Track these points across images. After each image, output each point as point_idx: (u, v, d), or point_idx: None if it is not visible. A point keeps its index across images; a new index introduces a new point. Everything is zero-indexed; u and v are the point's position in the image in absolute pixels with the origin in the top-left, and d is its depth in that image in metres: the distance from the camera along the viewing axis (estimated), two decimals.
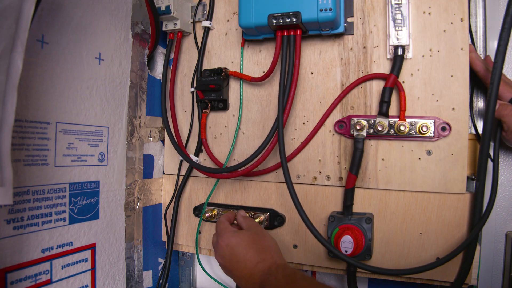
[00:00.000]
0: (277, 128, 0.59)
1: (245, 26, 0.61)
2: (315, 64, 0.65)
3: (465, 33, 0.57)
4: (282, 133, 0.58)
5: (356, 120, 0.61)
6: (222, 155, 0.72)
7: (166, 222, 0.76)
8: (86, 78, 0.58)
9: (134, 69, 0.69)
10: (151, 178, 0.76)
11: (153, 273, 0.76)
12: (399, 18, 0.58)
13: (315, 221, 0.64)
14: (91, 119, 0.60)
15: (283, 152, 0.58)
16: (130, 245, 0.69)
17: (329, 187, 0.64)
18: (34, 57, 0.50)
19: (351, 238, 0.56)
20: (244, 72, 0.70)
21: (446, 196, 0.58)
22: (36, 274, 0.51)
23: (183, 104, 0.76)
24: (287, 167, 0.58)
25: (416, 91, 0.59)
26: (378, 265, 0.60)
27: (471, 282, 0.58)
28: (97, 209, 0.61)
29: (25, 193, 0.49)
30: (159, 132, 0.78)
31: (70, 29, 0.55)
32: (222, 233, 0.57)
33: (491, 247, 0.66)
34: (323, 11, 0.55)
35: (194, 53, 0.75)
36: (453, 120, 0.57)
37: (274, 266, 0.50)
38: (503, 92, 0.58)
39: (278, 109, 0.59)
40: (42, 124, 0.51)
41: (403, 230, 0.60)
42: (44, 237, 0.52)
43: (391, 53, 0.59)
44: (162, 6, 0.69)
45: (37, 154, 0.51)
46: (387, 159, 0.61)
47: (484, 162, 0.54)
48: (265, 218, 0.67)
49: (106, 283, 0.63)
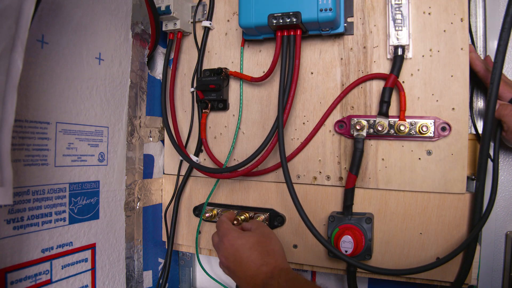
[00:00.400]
0: (277, 128, 0.59)
1: (245, 26, 0.61)
2: (315, 64, 0.65)
3: (465, 33, 0.57)
4: (282, 133, 0.58)
5: (356, 120, 0.61)
6: (222, 155, 0.72)
7: (166, 222, 0.76)
8: (86, 78, 0.58)
9: (134, 69, 0.69)
10: (151, 178, 0.76)
11: (153, 273, 0.76)
12: (399, 18, 0.58)
13: (315, 221, 0.64)
14: (91, 119, 0.60)
15: (283, 152, 0.58)
16: (130, 245, 0.69)
17: (329, 187, 0.64)
18: (34, 57, 0.50)
19: (351, 238, 0.56)
20: (244, 72, 0.70)
21: (446, 196, 0.58)
22: (36, 274, 0.51)
23: (183, 104, 0.76)
24: (287, 167, 0.58)
25: (416, 91, 0.59)
26: (378, 265, 0.60)
27: (471, 282, 0.58)
28: (97, 209, 0.61)
29: (25, 193, 0.49)
30: (159, 132, 0.78)
31: (70, 29, 0.55)
32: (227, 232, 0.56)
33: (491, 247, 0.66)
34: (323, 11, 0.55)
35: (194, 53, 0.75)
36: (453, 120, 0.57)
37: (277, 270, 0.50)
38: (503, 92, 0.58)
39: (278, 109, 0.59)
40: (42, 124, 0.51)
41: (403, 230, 0.60)
42: (44, 237, 0.52)
43: (391, 53, 0.59)
44: (162, 6, 0.69)
45: (37, 154, 0.51)
46: (387, 159, 0.61)
47: (484, 162, 0.54)
48: (265, 218, 0.67)
49: (106, 283, 0.63)
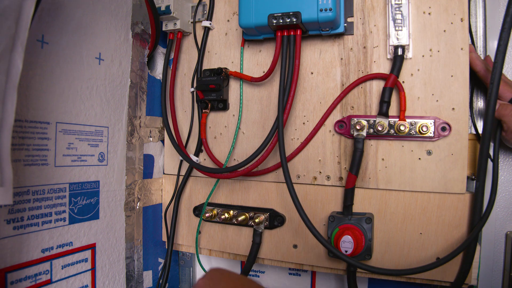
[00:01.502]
0: (277, 128, 0.59)
1: (245, 26, 0.61)
2: (315, 64, 0.65)
3: (465, 33, 0.57)
4: (282, 133, 0.58)
5: (356, 120, 0.61)
6: (222, 155, 0.72)
7: (166, 222, 0.76)
8: (86, 78, 0.58)
9: (134, 69, 0.69)
10: (151, 178, 0.76)
11: (153, 273, 0.76)
12: (399, 18, 0.58)
13: (315, 221, 0.64)
14: (91, 119, 0.60)
15: (283, 152, 0.58)
16: (130, 245, 0.69)
17: (329, 187, 0.64)
18: (34, 57, 0.50)
19: (351, 238, 0.56)
20: (244, 72, 0.70)
21: (446, 196, 0.58)
22: (36, 274, 0.51)
23: (183, 104, 0.76)
24: (287, 167, 0.58)
25: (416, 91, 0.59)
26: (378, 265, 0.60)
27: (471, 282, 0.58)
28: (97, 209, 0.61)
29: (25, 193, 0.49)
30: (159, 132, 0.78)
31: (70, 29, 0.55)
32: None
33: (491, 247, 0.66)
34: (323, 11, 0.55)
35: (194, 53, 0.75)
36: (453, 120, 0.57)
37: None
38: (503, 92, 0.58)
39: (278, 109, 0.59)
40: (42, 124, 0.51)
41: (403, 230, 0.60)
42: (44, 237, 0.52)
43: (391, 53, 0.59)
44: (162, 6, 0.69)
45: (37, 154, 0.51)
46: (387, 159, 0.61)
47: (484, 162, 0.54)
48: (265, 218, 0.67)
49: (106, 283, 0.63)
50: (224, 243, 0.72)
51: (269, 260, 0.70)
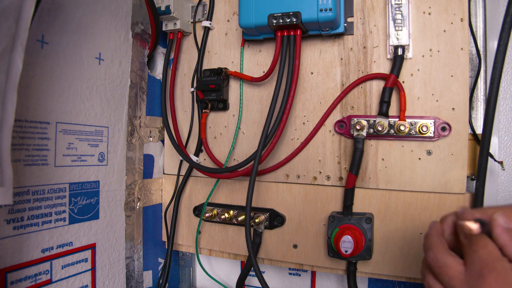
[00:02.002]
0: (262, 133, 0.59)
1: (245, 26, 0.61)
2: (315, 64, 0.65)
3: (465, 33, 0.57)
4: (278, 136, 0.58)
5: (356, 120, 0.61)
6: (222, 155, 0.72)
7: (166, 222, 0.76)
8: (86, 78, 0.58)
9: (134, 69, 0.69)
10: (151, 178, 0.76)
11: (153, 273, 0.76)
12: (399, 18, 0.58)
13: (315, 221, 0.64)
14: (91, 119, 0.60)
15: (257, 162, 0.58)
16: (130, 245, 0.69)
17: (329, 187, 0.64)
18: (34, 57, 0.50)
19: (351, 238, 0.56)
20: (244, 72, 0.70)
21: (446, 196, 0.58)
22: (36, 274, 0.51)
23: (183, 104, 0.76)
24: (257, 167, 0.57)
25: (416, 91, 0.59)
26: (378, 265, 0.60)
27: None
28: (97, 209, 0.61)
29: (25, 193, 0.49)
30: (159, 132, 0.78)
31: (70, 29, 0.55)
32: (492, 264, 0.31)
33: None
34: (323, 11, 0.55)
35: (194, 53, 0.75)
36: (453, 120, 0.57)
37: None
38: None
39: (270, 108, 0.59)
40: (42, 124, 0.51)
41: (403, 230, 0.60)
42: (44, 237, 0.52)
43: (391, 53, 0.59)
44: (162, 6, 0.69)
45: (37, 154, 0.51)
46: (387, 159, 0.61)
47: (484, 162, 0.54)
48: (265, 218, 0.67)
49: (106, 283, 0.63)
50: (224, 243, 0.72)
51: (269, 260, 0.70)
